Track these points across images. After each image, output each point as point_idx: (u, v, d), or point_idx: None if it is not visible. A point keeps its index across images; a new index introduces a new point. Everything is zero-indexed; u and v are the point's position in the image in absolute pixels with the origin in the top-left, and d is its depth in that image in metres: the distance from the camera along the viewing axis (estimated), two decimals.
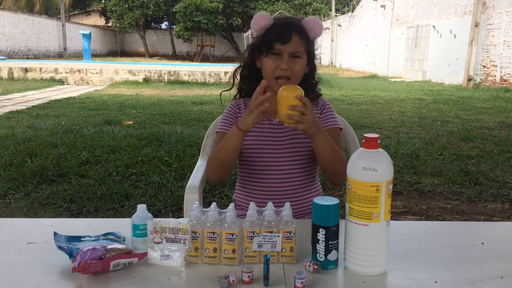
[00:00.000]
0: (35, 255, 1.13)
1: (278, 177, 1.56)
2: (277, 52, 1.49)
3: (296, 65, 1.50)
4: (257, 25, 1.53)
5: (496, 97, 11.00)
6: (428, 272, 1.06)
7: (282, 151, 1.55)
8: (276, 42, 1.48)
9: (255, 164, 1.57)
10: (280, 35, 1.48)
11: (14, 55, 24.30)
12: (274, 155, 1.55)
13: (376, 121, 7.25)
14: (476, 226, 1.56)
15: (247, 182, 1.61)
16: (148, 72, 14.38)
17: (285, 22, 1.53)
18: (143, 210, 1.16)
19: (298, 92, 1.30)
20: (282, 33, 1.49)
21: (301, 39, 1.50)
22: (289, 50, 1.48)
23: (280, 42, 1.48)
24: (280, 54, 1.49)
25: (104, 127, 6.05)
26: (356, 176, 1.03)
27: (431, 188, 3.85)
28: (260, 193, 1.57)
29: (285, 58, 1.48)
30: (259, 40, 1.54)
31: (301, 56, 1.51)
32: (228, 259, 1.07)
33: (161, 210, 3.22)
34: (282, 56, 1.49)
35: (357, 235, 1.05)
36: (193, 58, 32.52)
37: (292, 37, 1.48)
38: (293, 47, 1.49)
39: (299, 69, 1.51)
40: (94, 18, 42.16)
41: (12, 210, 3.19)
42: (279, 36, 1.48)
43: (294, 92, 1.30)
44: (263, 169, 1.56)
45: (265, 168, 1.56)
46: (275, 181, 1.56)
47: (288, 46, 1.48)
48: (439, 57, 16.58)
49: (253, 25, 1.55)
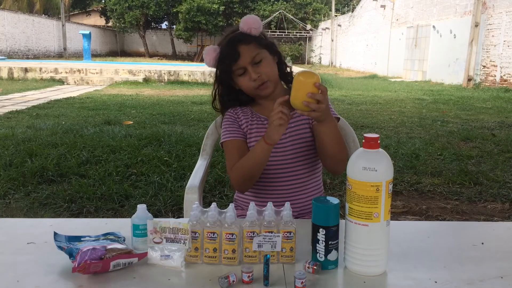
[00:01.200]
0: (35, 255, 1.13)
1: (280, 176, 1.56)
2: (241, 71, 1.51)
3: (262, 67, 1.51)
4: (210, 60, 1.55)
5: (496, 97, 11.00)
6: (428, 272, 1.06)
7: (283, 151, 1.55)
8: (231, 64, 1.50)
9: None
10: (229, 56, 1.50)
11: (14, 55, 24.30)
12: (275, 154, 1.55)
13: (376, 121, 7.25)
14: (476, 226, 1.56)
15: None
16: (148, 72, 14.38)
17: (227, 41, 1.53)
18: (143, 210, 1.16)
19: (315, 78, 1.26)
20: (229, 53, 1.50)
21: (249, 44, 1.50)
22: (246, 61, 1.49)
23: (234, 61, 1.50)
24: (244, 71, 1.51)
25: (104, 127, 6.06)
26: (356, 176, 1.03)
27: (431, 188, 3.85)
28: (261, 192, 1.57)
29: (250, 69, 1.50)
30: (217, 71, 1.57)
31: (261, 56, 1.51)
32: (228, 259, 1.07)
33: (161, 210, 3.22)
34: (246, 70, 1.50)
35: (357, 235, 1.05)
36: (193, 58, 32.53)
37: (240, 50, 1.49)
38: (247, 56, 1.49)
39: (267, 69, 1.52)
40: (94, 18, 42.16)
41: (12, 210, 3.19)
42: (229, 58, 1.50)
43: (311, 78, 1.26)
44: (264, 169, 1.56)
45: (266, 167, 1.56)
46: (276, 180, 1.56)
47: (242, 59, 1.49)
48: (439, 57, 16.58)
49: (206, 63, 1.57)
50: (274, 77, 1.54)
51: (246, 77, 1.51)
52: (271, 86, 1.54)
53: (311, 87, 1.25)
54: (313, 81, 1.25)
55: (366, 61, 24.41)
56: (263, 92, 1.53)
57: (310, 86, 1.25)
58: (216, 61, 1.55)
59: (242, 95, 1.61)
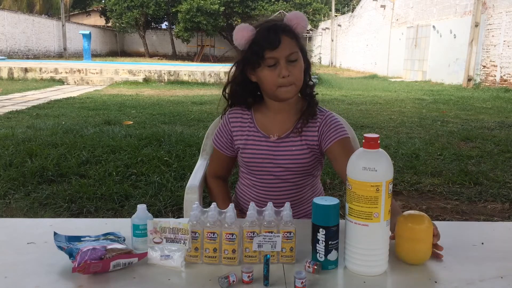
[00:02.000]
0: (35, 255, 1.13)
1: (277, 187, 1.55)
2: (272, 62, 1.40)
3: (295, 69, 1.42)
4: (241, 39, 1.44)
5: (496, 97, 11.00)
6: (428, 272, 1.06)
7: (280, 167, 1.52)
8: (266, 50, 1.39)
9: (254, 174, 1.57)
10: (269, 41, 1.38)
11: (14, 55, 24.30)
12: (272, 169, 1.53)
13: (376, 121, 7.25)
14: (476, 226, 1.56)
15: (247, 186, 1.61)
16: (148, 72, 14.38)
17: (270, 26, 1.42)
18: (143, 210, 1.16)
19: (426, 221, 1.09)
20: (270, 38, 1.39)
21: (291, 39, 1.42)
22: (283, 54, 1.39)
23: (271, 47, 1.38)
24: (276, 63, 1.40)
25: (104, 127, 6.05)
26: (356, 176, 1.03)
27: (431, 188, 3.85)
28: (260, 196, 1.57)
29: (282, 64, 1.40)
30: (247, 52, 1.44)
31: (297, 58, 1.43)
32: (228, 259, 1.07)
33: (161, 210, 3.22)
34: (279, 64, 1.40)
35: (357, 235, 1.05)
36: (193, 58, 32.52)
37: (281, 39, 1.39)
38: (287, 50, 1.39)
39: (300, 72, 1.44)
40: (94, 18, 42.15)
41: (12, 210, 3.19)
42: (268, 42, 1.38)
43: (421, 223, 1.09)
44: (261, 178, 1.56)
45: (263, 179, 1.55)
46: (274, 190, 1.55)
47: (280, 50, 1.39)
48: (439, 57, 16.58)
49: (236, 40, 1.45)
50: (299, 84, 1.45)
51: (274, 71, 1.40)
52: (294, 91, 1.45)
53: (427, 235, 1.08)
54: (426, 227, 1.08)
55: (366, 61, 24.40)
56: (283, 94, 1.44)
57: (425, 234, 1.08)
58: (248, 42, 1.43)
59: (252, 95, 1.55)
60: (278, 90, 1.43)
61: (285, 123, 1.52)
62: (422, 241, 1.08)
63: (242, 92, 1.54)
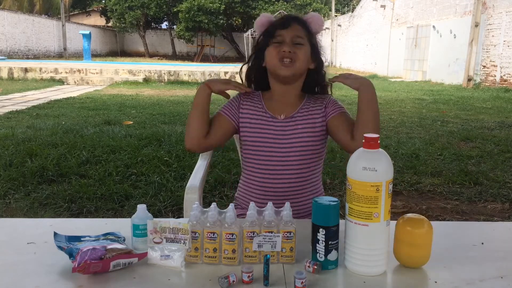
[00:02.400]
0: (35, 255, 1.13)
1: (281, 172, 1.55)
2: (279, 39, 1.53)
3: (298, 50, 1.53)
4: (260, 23, 1.60)
5: (496, 97, 11.00)
6: (428, 272, 1.06)
7: (286, 147, 1.55)
8: (277, 29, 1.54)
9: (258, 159, 1.57)
10: (281, 22, 1.56)
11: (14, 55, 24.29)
12: (277, 150, 1.55)
13: None
14: (476, 226, 1.56)
15: (250, 178, 1.61)
16: (148, 72, 14.38)
17: (287, 14, 1.64)
18: (143, 210, 1.16)
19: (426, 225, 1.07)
20: (283, 20, 1.57)
21: (302, 28, 1.56)
22: (290, 34, 1.53)
23: (281, 27, 1.54)
24: (282, 41, 1.53)
25: (104, 127, 6.05)
26: (356, 176, 1.03)
27: (431, 188, 3.85)
28: (262, 191, 1.57)
29: (287, 41, 1.52)
30: (262, 34, 1.59)
31: (303, 43, 1.54)
32: (228, 259, 1.07)
33: (161, 210, 3.22)
34: (284, 42, 1.53)
35: (357, 235, 1.05)
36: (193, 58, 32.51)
37: (291, 23, 1.55)
38: (294, 32, 1.53)
39: (302, 54, 1.53)
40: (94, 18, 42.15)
41: (12, 210, 3.19)
42: (279, 23, 1.55)
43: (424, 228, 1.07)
44: (265, 163, 1.56)
45: (267, 163, 1.56)
46: (277, 177, 1.55)
47: (288, 31, 1.53)
48: (439, 57, 16.58)
49: (256, 24, 1.62)
50: (300, 66, 1.54)
51: (277, 48, 1.52)
52: (293, 70, 1.53)
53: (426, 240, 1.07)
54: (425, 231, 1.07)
55: (366, 61, 24.40)
56: (283, 69, 1.53)
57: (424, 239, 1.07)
58: (265, 26, 1.59)
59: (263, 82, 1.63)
60: (278, 66, 1.53)
61: (291, 105, 1.60)
62: (421, 245, 1.06)
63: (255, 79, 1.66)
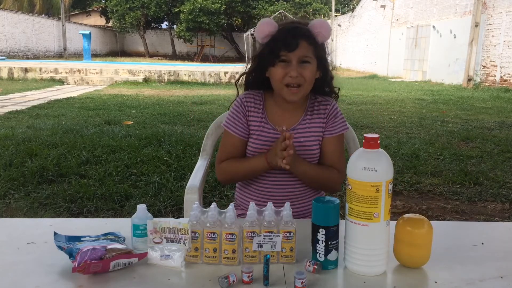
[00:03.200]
0: (35, 255, 1.13)
1: (280, 183, 1.55)
2: (285, 59, 1.44)
3: (305, 71, 1.45)
4: (262, 34, 1.49)
5: (496, 97, 11.00)
6: (428, 272, 1.06)
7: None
8: (282, 50, 1.43)
9: None
10: (286, 42, 1.43)
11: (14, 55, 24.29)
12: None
13: (376, 121, 7.25)
14: (476, 226, 1.56)
15: (248, 184, 1.61)
16: (148, 72, 14.38)
17: (291, 28, 1.48)
18: (143, 210, 1.16)
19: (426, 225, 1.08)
20: (288, 40, 1.43)
21: (309, 44, 1.45)
22: (296, 56, 1.43)
23: (287, 49, 1.43)
24: (288, 61, 1.44)
25: (104, 127, 6.05)
26: (356, 176, 1.03)
27: (431, 188, 3.85)
28: (261, 192, 1.57)
29: (294, 64, 1.43)
30: (264, 48, 1.49)
31: (310, 61, 1.46)
32: (228, 259, 1.07)
33: (161, 210, 3.22)
34: (290, 63, 1.44)
35: (357, 235, 1.05)
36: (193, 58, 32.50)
37: (299, 44, 1.43)
38: (301, 53, 1.44)
39: (309, 75, 1.46)
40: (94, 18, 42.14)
41: (12, 210, 3.19)
42: (285, 44, 1.43)
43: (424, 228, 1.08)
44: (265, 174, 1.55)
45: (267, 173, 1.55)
46: (276, 187, 1.55)
47: (295, 53, 1.43)
48: (439, 57, 16.58)
49: (257, 33, 1.51)
50: (307, 87, 1.48)
51: (284, 69, 1.44)
52: (300, 94, 1.48)
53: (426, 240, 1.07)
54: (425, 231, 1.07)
55: (366, 61, 24.40)
56: (289, 96, 1.47)
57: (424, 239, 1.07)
58: (267, 38, 1.48)
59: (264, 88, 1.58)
60: (284, 90, 1.47)
61: (294, 114, 1.57)
62: (421, 246, 1.06)
63: (256, 84, 1.59)
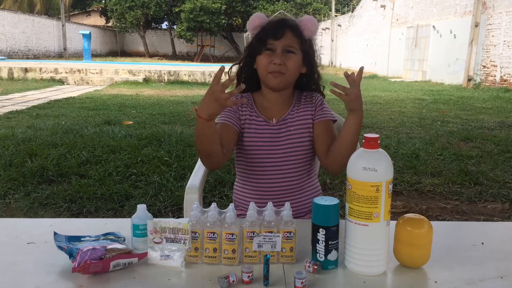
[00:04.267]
0: (35, 255, 1.13)
1: (276, 176, 1.55)
2: (271, 48, 1.50)
3: (289, 60, 1.50)
4: (252, 25, 1.56)
5: (496, 97, 11.00)
6: (428, 272, 1.06)
7: (280, 151, 1.55)
8: (269, 38, 1.50)
9: (253, 164, 1.57)
10: (273, 31, 1.51)
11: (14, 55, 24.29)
12: (272, 155, 1.55)
13: (376, 121, 7.25)
14: (476, 226, 1.56)
15: (246, 181, 1.61)
16: (148, 72, 14.38)
17: (279, 19, 1.56)
18: (143, 210, 1.16)
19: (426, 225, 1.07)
20: (275, 29, 1.51)
21: (295, 36, 1.52)
22: (281, 44, 1.49)
23: (273, 37, 1.50)
24: (273, 50, 1.50)
25: (104, 127, 6.05)
26: (356, 176, 1.03)
27: (431, 188, 3.85)
28: (259, 192, 1.57)
29: (278, 52, 1.49)
30: (254, 38, 1.56)
31: (295, 52, 1.51)
32: (228, 259, 1.07)
33: (161, 210, 3.22)
34: (275, 52, 1.50)
35: (357, 235, 1.05)
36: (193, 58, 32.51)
37: (284, 33, 1.50)
38: (286, 42, 1.50)
39: (292, 65, 1.51)
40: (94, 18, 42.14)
41: (12, 210, 3.19)
42: (272, 32, 1.50)
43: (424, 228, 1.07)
44: (261, 169, 1.56)
45: (263, 168, 1.56)
46: (273, 181, 1.56)
47: (280, 41, 1.49)
48: (439, 57, 16.58)
49: (248, 25, 1.58)
50: (291, 77, 1.53)
51: (269, 57, 1.50)
52: (283, 81, 1.52)
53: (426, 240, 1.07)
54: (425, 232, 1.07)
55: (366, 61, 24.38)
56: (272, 81, 1.51)
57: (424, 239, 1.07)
58: (257, 29, 1.55)
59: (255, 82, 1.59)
60: (268, 76, 1.52)
61: (282, 106, 1.59)
62: (421, 246, 1.06)
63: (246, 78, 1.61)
